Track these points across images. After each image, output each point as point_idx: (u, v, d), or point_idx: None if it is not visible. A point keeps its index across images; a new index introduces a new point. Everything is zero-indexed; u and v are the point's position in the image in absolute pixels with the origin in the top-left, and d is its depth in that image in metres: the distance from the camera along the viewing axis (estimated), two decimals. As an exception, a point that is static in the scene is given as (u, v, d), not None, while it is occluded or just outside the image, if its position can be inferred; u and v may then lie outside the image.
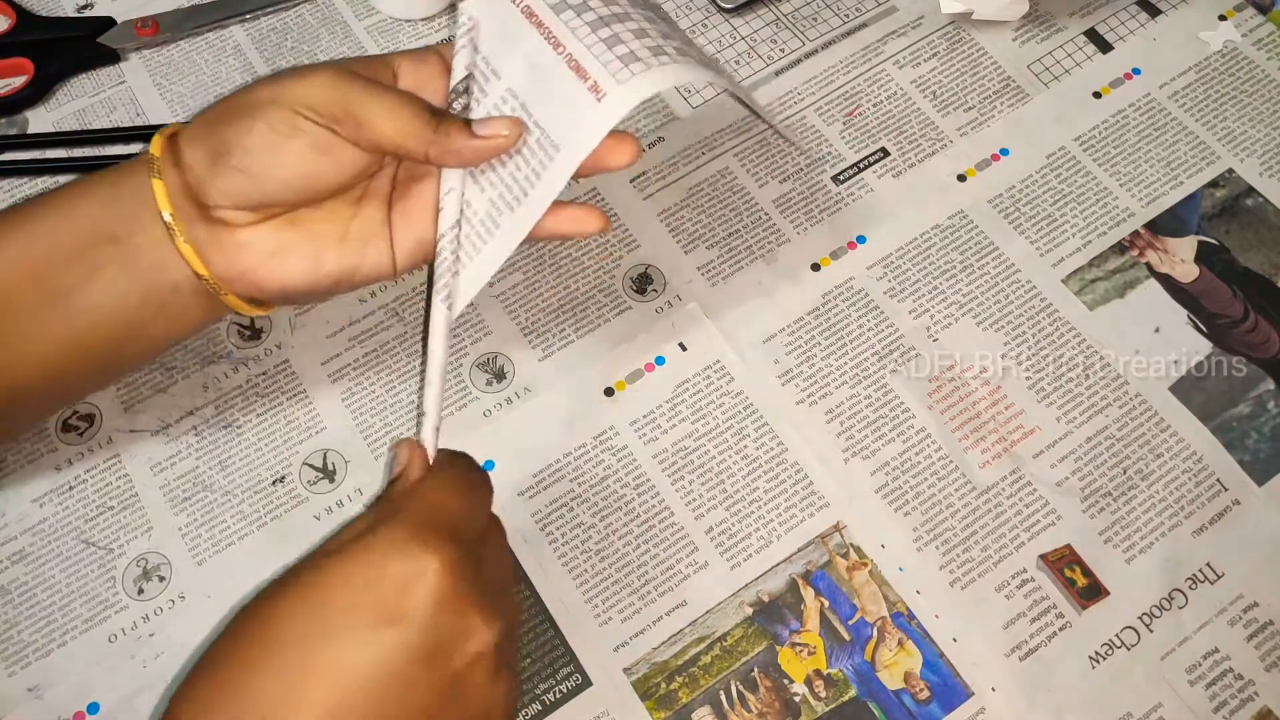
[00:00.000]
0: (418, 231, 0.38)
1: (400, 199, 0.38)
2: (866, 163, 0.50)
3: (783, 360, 0.46)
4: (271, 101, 0.35)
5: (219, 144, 0.35)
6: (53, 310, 0.35)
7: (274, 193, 0.35)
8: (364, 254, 0.37)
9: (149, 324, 0.36)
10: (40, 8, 0.55)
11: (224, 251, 0.36)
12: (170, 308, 0.36)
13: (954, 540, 0.42)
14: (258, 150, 0.34)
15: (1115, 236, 0.48)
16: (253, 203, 0.35)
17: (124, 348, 0.37)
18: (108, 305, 0.35)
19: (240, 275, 0.36)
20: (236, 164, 0.34)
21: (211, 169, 0.35)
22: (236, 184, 0.35)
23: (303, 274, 0.36)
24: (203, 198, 0.35)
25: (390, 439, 0.44)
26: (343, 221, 0.37)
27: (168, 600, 0.41)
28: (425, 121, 0.35)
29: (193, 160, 0.35)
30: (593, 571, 0.41)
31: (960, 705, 0.39)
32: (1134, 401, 0.44)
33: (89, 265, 0.35)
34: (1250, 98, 0.51)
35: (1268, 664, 0.40)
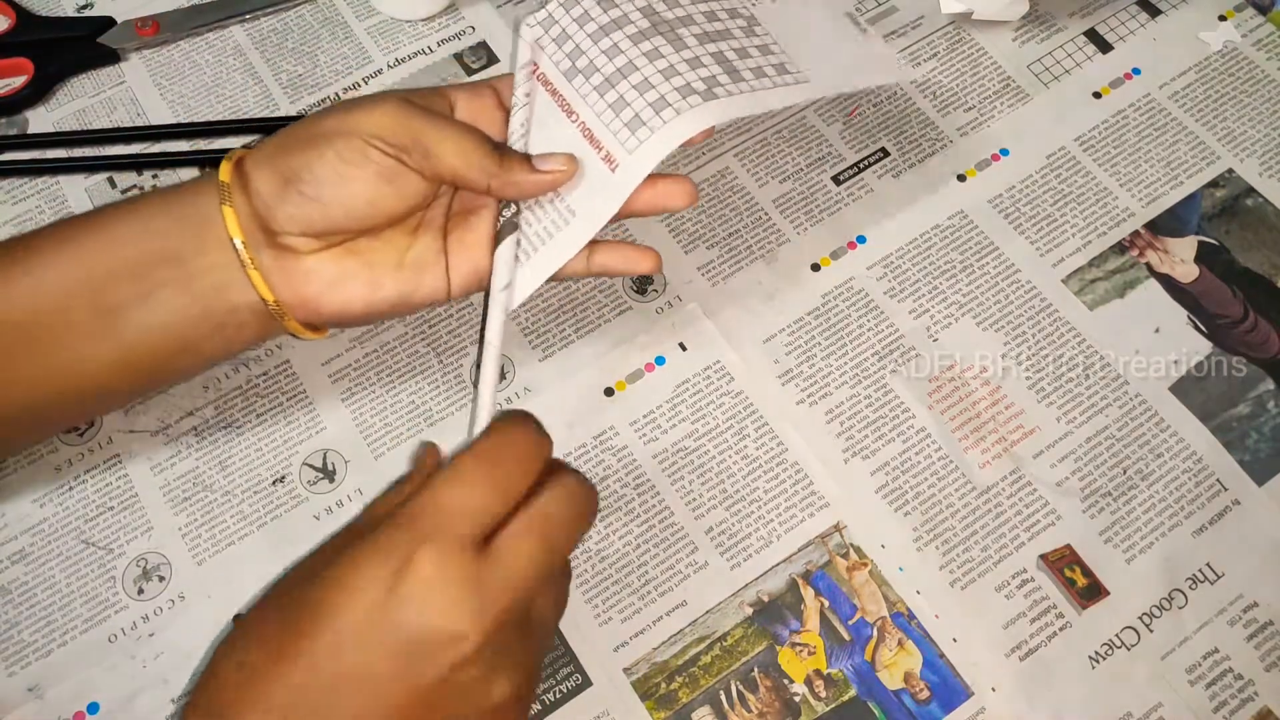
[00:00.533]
0: (474, 261, 0.39)
1: (456, 229, 0.40)
2: (866, 163, 0.50)
3: (783, 360, 0.46)
4: (340, 131, 0.36)
5: (288, 171, 0.36)
6: (108, 325, 0.36)
7: (339, 220, 0.36)
8: (420, 281, 0.39)
9: (201, 343, 0.37)
10: (40, 8, 0.55)
11: (288, 277, 0.37)
12: (226, 328, 0.37)
13: (954, 540, 0.42)
14: (327, 178, 0.36)
15: (1115, 236, 0.48)
16: (319, 229, 0.36)
17: (172, 363, 0.38)
18: (162, 323, 0.36)
19: (302, 301, 0.37)
20: (305, 191, 0.36)
21: (280, 195, 0.36)
22: (305, 210, 0.36)
23: (361, 300, 0.38)
24: (270, 223, 0.36)
25: (390, 439, 0.44)
26: (400, 250, 0.38)
27: (168, 600, 0.41)
28: (488, 154, 0.37)
29: (261, 186, 0.36)
30: (592, 571, 0.41)
31: (960, 705, 0.39)
32: (1134, 401, 0.44)
33: (147, 284, 0.36)
34: (1250, 98, 0.51)
35: (1268, 664, 0.40)
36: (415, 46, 0.54)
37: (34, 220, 0.49)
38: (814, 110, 0.52)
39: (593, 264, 0.41)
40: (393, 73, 0.53)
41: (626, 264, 0.41)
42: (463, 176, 0.37)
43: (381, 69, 0.53)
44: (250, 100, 0.52)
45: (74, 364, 0.36)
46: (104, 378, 0.36)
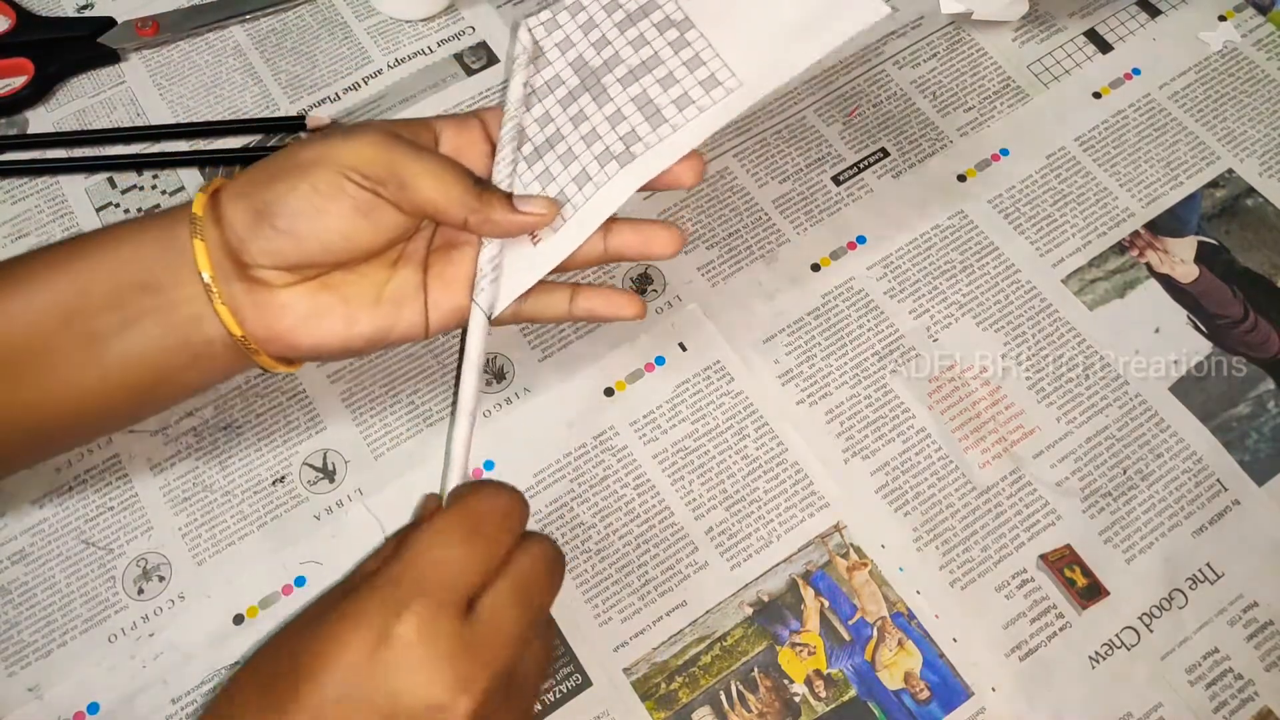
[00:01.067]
0: (455, 299, 0.38)
1: (437, 264, 0.39)
2: (866, 163, 0.50)
3: (783, 360, 0.46)
4: (317, 163, 0.35)
5: (261, 204, 0.35)
6: (86, 354, 0.35)
7: (313, 254, 0.36)
8: (398, 316, 0.38)
9: (181, 373, 0.37)
10: (40, 8, 0.55)
11: (260, 311, 0.36)
12: (203, 359, 0.36)
13: (954, 540, 0.42)
14: (301, 211, 0.35)
15: (1115, 237, 0.48)
16: (291, 263, 0.36)
17: (153, 393, 0.37)
18: (142, 353, 0.36)
19: (276, 336, 0.36)
20: (279, 224, 0.35)
21: (253, 229, 0.35)
22: (277, 244, 0.35)
23: (336, 335, 0.37)
24: (243, 256, 0.35)
25: (390, 439, 0.44)
26: (377, 285, 0.38)
27: (168, 600, 0.41)
28: (468, 189, 0.36)
29: (234, 219, 0.35)
30: (593, 571, 0.41)
31: (960, 705, 0.39)
32: (1134, 401, 0.44)
33: (126, 313, 0.35)
34: (1250, 98, 0.51)
35: (1268, 664, 0.40)
36: (415, 47, 0.54)
37: (34, 220, 0.49)
38: (814, 110, 0.52)
39: (575, 310, 0.40)
40: (392, 73, 0.53)
41: (610, 309, 0.41)
42: (441, 210, 0.36)
43: (381, 69, 0.53)
44: (250, 100, 0.52)
45: (57, 393, 0.35)
46: (87, 405, 0.36)
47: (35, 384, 0.35)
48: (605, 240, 0.40)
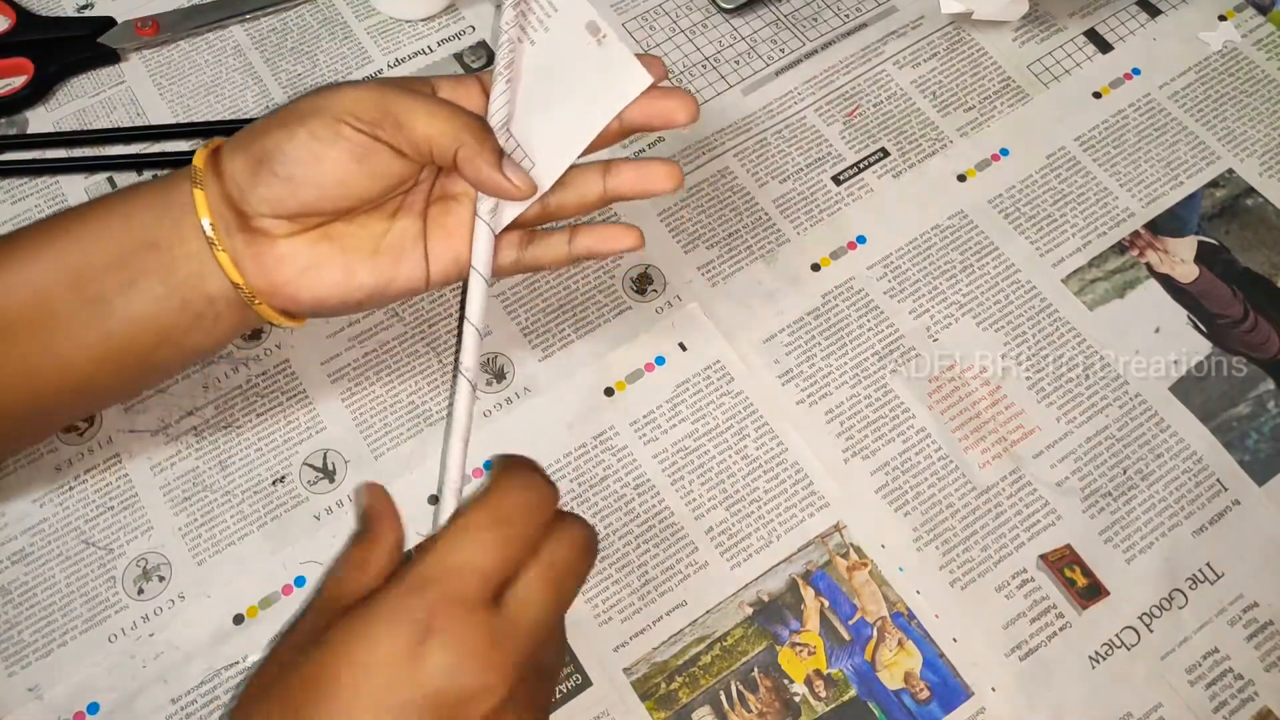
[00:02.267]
0: (454, 249, 0.38)
1: (436, 215, 0.39)
2: (866, 163, 0.50)
3: (783, 360, 0.46)
4: (314, 110, 0.35)
5: (260, 151, 0.36)
6: (91, 316, 0.36)
7: (311, 201, 0.36)
8: (397, 268, 0.38)
9: (184, 334, 0.37)
10: (40, 8, 0.55)
11: (261, 263, 0.36)
12: (205, 319, 0.37)
13: (954, 540, 0.42)
14: (298, 157, 0.35)
15: (1115, 236, 0.48)
16: (291, 211, 0.36)
17: (155, 355, 0.37)
18: (145, 313, 0.36)
19: (276, 288, 0.37)
20: (277, 171, 0.35)
21: (252, 177, 0.36)
22: (276, 191, 0.35)
23: (336, 286, 0.37)
24: (242, 205, 0.36)
25: (390, 439, 0.44)
26: (376, 236, 0.38)
27: (168, 600, 0.41)
28: (462, 122, 0.36)
29: (233, 169, 0.36)
30: (593, 571, 0.41)
31: (960, 705, 0.39)
32: (1134, 401, 0.44)
33: (129, 274, 0.36)
34: (1250, 98, 0.51)
35: (1268, 664, 0.40)
36: (415, 46, 0.54)
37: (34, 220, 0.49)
38: (814, 110, 0.52)
39: (575, 249, 0.40)
40: (393, 72, 0.53)
41: (607, 244, 0.40)
42: (435, 141, 0.36)
43: (381, 69, 0.53)
44: (250, 100, 0.52)
45: (61, 357, 0.36)
46: (91, 371, 0.36)
47: (41, 349, 0.36)
48: (605, 179, 0.39)
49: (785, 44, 0.54)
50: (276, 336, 0.46)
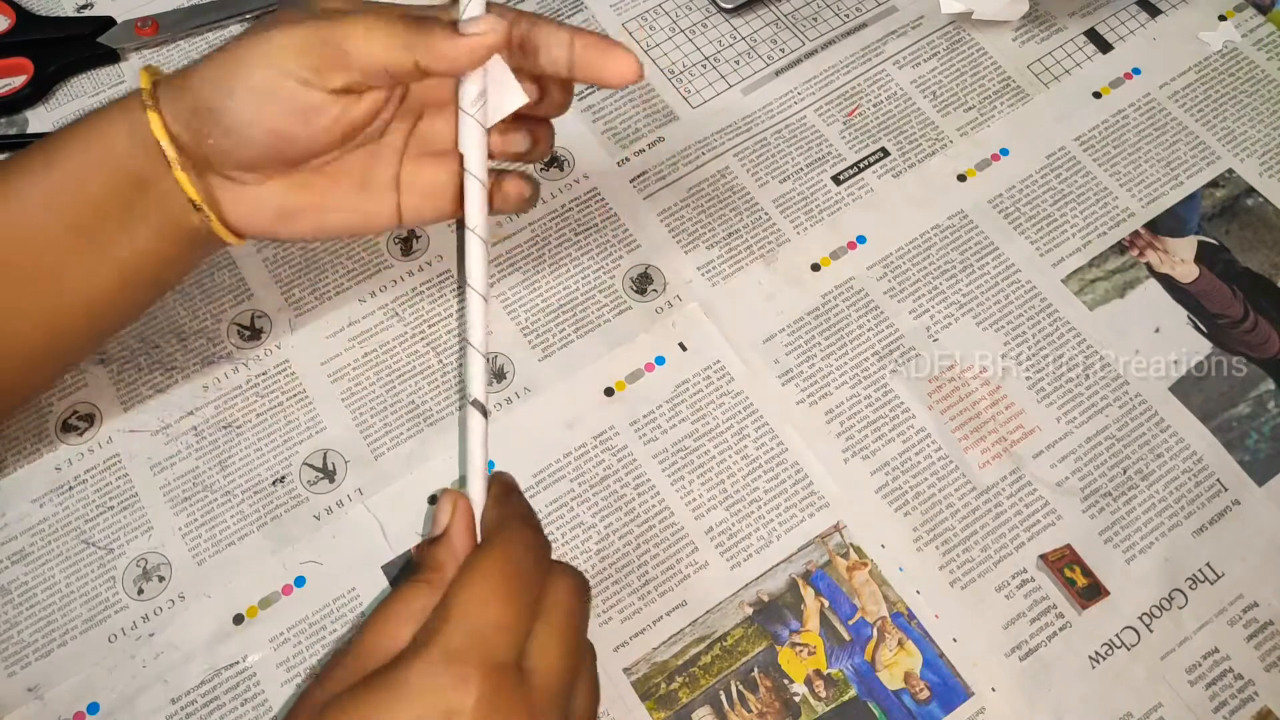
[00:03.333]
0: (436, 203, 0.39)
1: (412, 152, 0.38)
2: (866, 163, 0.50)
3: (783, 360, 0.46)
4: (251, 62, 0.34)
5: (199, 107, 0.34)
6: (99, 256, 0.36)
7: (262, 156, 0.35)
8: (377, 205, 0.38)
9: (189, 251, 0.38)
10: (40, 8, 0.55)
11: (238, 206, 0.37)
12: (202, 234, 0.37)
13: (954, 540, 0.42)
14: (241, 117, 0.34)
15: (1115, 236, 0.48)
16: (244, 165, 0.35)
17: (165, 275, 0.39)
18: (145, 247, 0.37)
19: (260, 230, 0.37)
20: (223, 125, 0.34)
21: (195, 132, 0.35)
22: (224, 146, 0.35)
23: (313, 227, 0.38)
24: (207, 155, 0.35)
25: (390, 439, 0.44)
26: (353, 175, 0.37)
27: (168, 600, 0.41)
28: (405, 28, 0.33)
29: (175, 118, 0.35)
30: (593, 571, 0.41)
31: (960, 705, 0.39)
32: (1134, 401, 0.44)
33: (125, 213, 0.36)
34: (1250, 98, 0.51)
35: (1267, 664, 0.40)
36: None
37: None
38: (814, 110, 0.52)
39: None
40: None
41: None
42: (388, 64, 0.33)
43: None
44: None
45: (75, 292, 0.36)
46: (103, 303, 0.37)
47: (54, 289, 0.36)
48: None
49: (785, 44, 0.54)
50: (276, 336, 0.46)
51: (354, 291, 0.47)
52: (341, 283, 0.47)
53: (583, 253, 0.48)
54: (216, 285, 0.47)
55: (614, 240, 0.48)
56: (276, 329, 0.46)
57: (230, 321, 0.46)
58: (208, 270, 0.48)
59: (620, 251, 0.48)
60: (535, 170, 0.50)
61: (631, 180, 0.50)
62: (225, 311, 0.47)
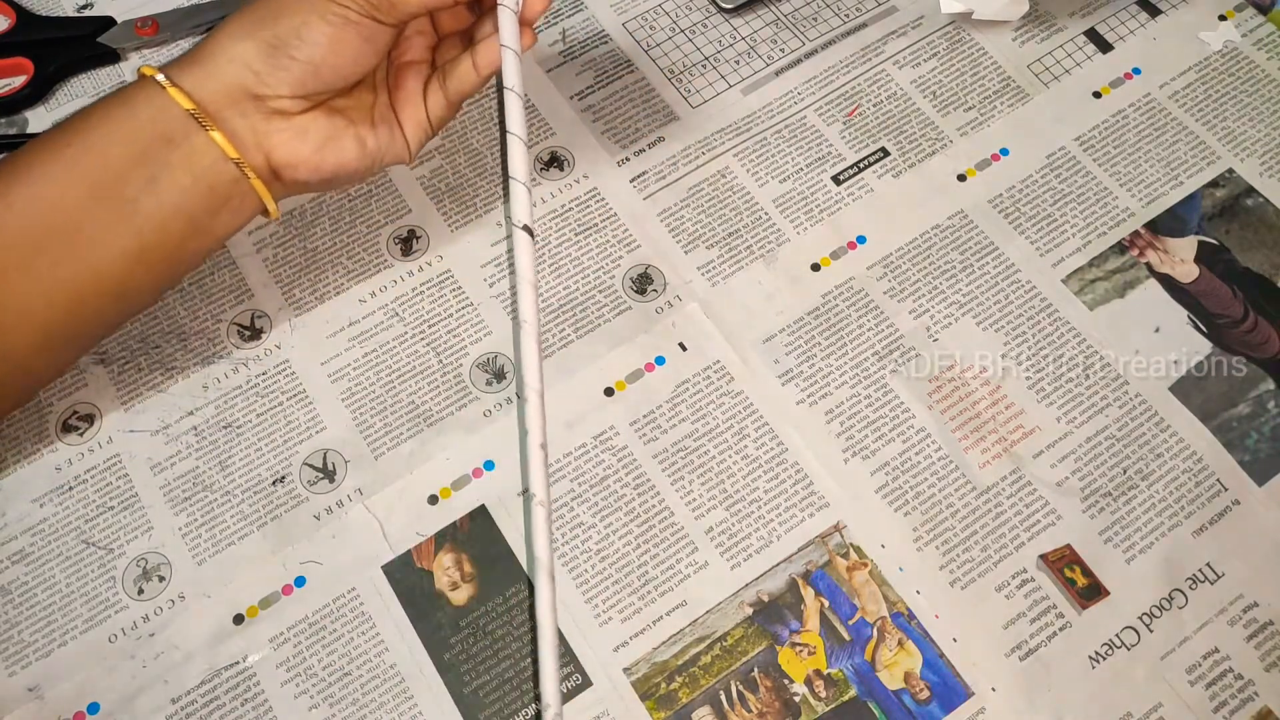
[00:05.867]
0: (415, 114, 0.43)
1: (395, 87, 0.43)
2: (866, 163, 0.50)
3: (783, 360, 0.46)
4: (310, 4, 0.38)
5: (273, 39, 0.38)
6: (117, 218, 0.37)
7: (329, 79, 0.39)
8: (391, 136, 0.42)
9: (214, 217, 0.39)
10: (40, 7, 0.55)
11: (283, 139, 0.39)
12: (233, 199, 0.39)
13: (954, 540, 0.42)
14: (316, 41, 0.38)
15: (1115, 236, 0.48)
16: (309, 90, 0.39)
17: (188, 245, 0.40)
18: (173, 204, 0.38)
19: (301, 160, 0.40)
20: (296, 55, 0.38)
21: (269, 60, 0.38)
22: (296, 73, 0.38)
23: (355, 154, 0.41)
24: (257, 89, 0.38)
25: (390, 439, 0.44)
26: (368, 107, 0.42)
27: (168, 600, 0.41)
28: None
29: (245, 54, 0.38)
30: (593, 571, 0.41)
31: (960, 705, 0.39)
32: (1134, 401, 0.44)
33: (150, 169, 0.37)
34: (1250, 98, 0.51)
35: (1267, 664, 0.40)
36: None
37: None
38: (814, 110, 0.52)
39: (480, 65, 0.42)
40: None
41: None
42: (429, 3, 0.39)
43: (381, 69, 0.53)
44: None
45: (94, 263, 0.38)
46: (126, 271, 0.38)
47: (75, 258, 0.37)
48: None
49: (785, 44, 0.54)
50: (276, 336, 0.46)
51: (354, 291, 0.47)
52: (341, 283, 0.47)
53: (583, 253, 0.48)
54: (216, 285, 0.47)
55: (614, 240, 0.48)
56: (276, 329, 0.46)
57: (230, 321, 0.46)
58: (208, 270, 0.48)
59: (620, 251, 0.48)
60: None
61: (631, 180, 0.50)
62: (225, 311, 0.47)
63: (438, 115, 0.43)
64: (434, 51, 0.44)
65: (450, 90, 0.43)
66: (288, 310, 0.47)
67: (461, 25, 0.44)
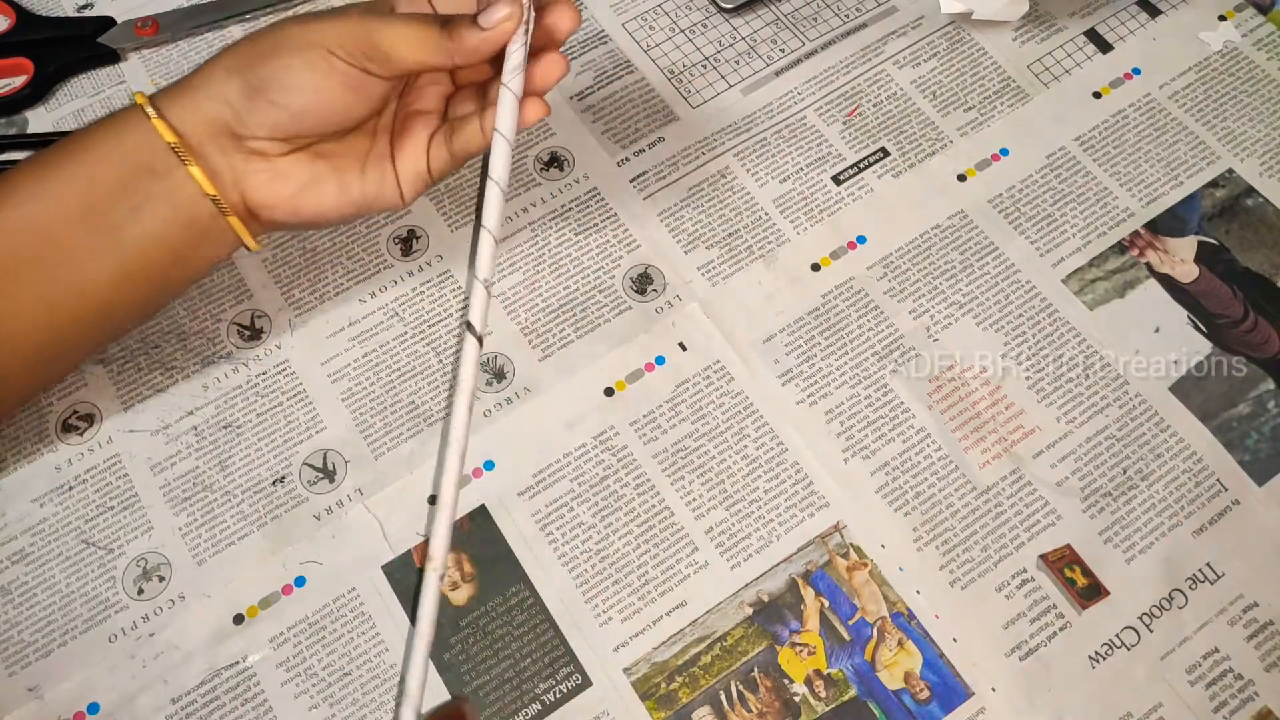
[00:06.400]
0: (415, 164, 0.41)
1: (399, 133, 0.41)
2: (866, 163, 0.50)
3: (783, 360, 0.46)
4: (306, 43, 0.37)
5: (256, 80, 0.37)
6: (105, 244, 0.37)
7: (312, 126, 0.38)
8: (381, 184, 0.41)
9: (194, 249, 0.39)
10: (40, 8, 0.55)
11: (262, 179, 0.39)
12: (212, 232, 0.39)
13: (954, 540, 0.42)
14: (297, 87, 0.37)
15: (1115, 236, 0.48)
16: (289, 134, 0.38)
17: (170, 273, 0.40)
18: (155, 233, 0.38)
19: (280, 201, 0.39)
20: (275, 99, 0.37)
21: (249, 103, 0.37)
22: (275, 117, 0.38)
23: (334, 200, 0.40)
24: (239, 129, 0.38)
25: (390, 439, 0.44)
26: (360, 154, 0.41)
27: (168, 600, 0.41)
28: (440, 34, 0.38)
29: (227, 93, 0.38)
30: (593, 571, 0.41)
31: (960, 705, 0.39)
32: (1134, 401, 0.44)
33: (135, 199, 0.37)
34: (1250, 98, 0.51)
35: (1268, 664, 0.40)
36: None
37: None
38: (814, 110, 0.52)
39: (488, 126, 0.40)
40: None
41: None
42: (424, 64, 0.38)
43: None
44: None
45: (76, 287, 0.38)
46: (108, 296, 0.38)
47: (59, 279, 0.37)
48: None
49: (785, 44, 0.54)
50: (276, 336, 0.46)
51: (354, 291, 0.47)
52: (341, 283, 0.47)
53: (583, 253, 0.48)
54: (216, 285, 0.47)
55: (614, 240, 0.48)
56: (276, 329, 0.46)
57: (230, 321, 0.46)
58: (208, 270, 0.48)
59: (620, 251, 0.48)
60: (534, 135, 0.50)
61: (631, 180, 0.50)
62: (225, 311, 0.47)
63: (439, 168, 0.42)
64: (448, 101, 0.43)
65: (455, 147, 0.42)
66: (288, 310, 0.47)
67: (482, 77, 0.43)
